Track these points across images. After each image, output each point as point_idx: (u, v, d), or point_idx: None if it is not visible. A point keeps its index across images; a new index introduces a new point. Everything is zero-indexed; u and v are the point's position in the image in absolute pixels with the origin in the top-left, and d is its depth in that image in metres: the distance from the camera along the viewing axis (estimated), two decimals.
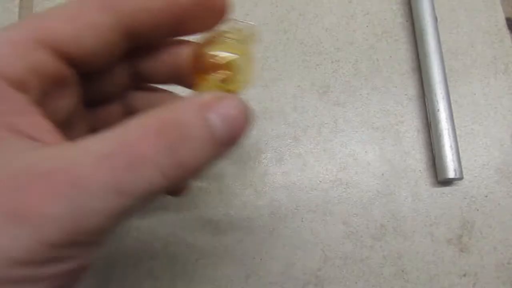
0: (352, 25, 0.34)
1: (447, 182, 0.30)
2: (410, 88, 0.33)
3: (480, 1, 0.34)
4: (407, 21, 0.34)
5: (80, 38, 0.15)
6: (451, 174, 0.29)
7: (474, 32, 0.34)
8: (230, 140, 0.14)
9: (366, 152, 0.31)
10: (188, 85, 0.20)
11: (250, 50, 0.18)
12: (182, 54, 0.19)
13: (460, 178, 0.29)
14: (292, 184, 0.30)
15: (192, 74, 0.18)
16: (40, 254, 0.12)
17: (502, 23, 0.34)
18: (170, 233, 0.29)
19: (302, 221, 0.30)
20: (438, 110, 0.30)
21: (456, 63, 0.33)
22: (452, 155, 0.29)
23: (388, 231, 0.30)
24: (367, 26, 0.34)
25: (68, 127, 0.18)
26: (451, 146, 0.29)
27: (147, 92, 0.22)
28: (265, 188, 0.30)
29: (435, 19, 0.32)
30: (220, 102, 0.14)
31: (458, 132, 0.30)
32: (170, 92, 0.22)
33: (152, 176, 0.13)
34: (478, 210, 0.30)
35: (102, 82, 0.19)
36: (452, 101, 0.30)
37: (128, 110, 0.21)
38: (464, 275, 0.29)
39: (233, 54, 0.17)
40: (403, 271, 0.29)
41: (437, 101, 0.30)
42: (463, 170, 0.29)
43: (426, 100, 0.31)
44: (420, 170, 0.31)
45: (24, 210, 0.11)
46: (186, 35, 0.19)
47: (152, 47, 0.19)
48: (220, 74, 0.17)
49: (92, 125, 0.20)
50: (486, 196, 0.30)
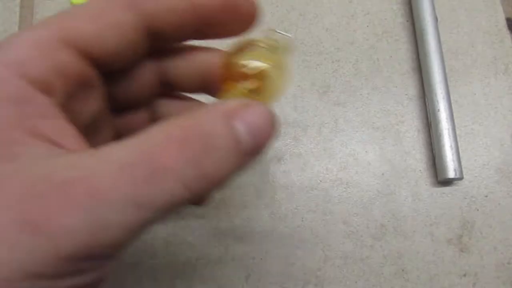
0: (353, 25, 0.34)
1: (447, 182, 0.30)
2: (411, 88, 0.33)
3: (481, 1, 0.34)
4: (407, 21, 0.34)
5: (103, 37, 0.15)
6: (451, 174, 0.29)
7: (474, 32, 0.34)
8: (255, 150, 0.14)
9: (366, 152, 0.31)
10: (217, 94, 0.19)
11: (284, 61, 0.17)
12: (211, 61, 0.18)
13: (460, 178, 0.29)
14: (292, 184, 0.30)
15: (221, 82, 0.17)
16: (55, 267, 0.11)
17: (502, 23, 0.34)
18: (170, 233, 0.29)
19: (302, 221, 0.30)
20: (439, 110, 0.30)
21: (456, 63, 0.33)
22: (452, 155, 0.29)
23: (388, 231, 0.30)
24: (368, 26, 0.34)
25: (93, 131, 0.18)
26: (451, 146, 0.29)
27: (175, 100, 0.21)
28: (265, 188, 0.30)
29: (436, 19, 0.32)
30: (246, 110, 0.14)
31: (458, 132, 0.30)
32: (199, 101, 0.22)
33: (173, 188, 0.12)
34: (478, 210, 0.30)
35: (128, 87, 0.18)
36: (452, 101, 0.30)
37: (155, 118, 0.21)
38: (464, 275, 0.29)
39: (265, 64, 0.16)
40: (403, 270, 0.29)
41: (437, 101, 0.30)
42: (463, 170, 0.29)
43: (426, 100, 0.31)
44: (420, 170, 0.31)
45: (40, 221, 0.11)
46: (213, 39, 0.18)
47: (179, 52, 0.19)
48: (250, 84, 0.16)
49: (119, 131, 0.20)
50: (486, 196, 0.30)
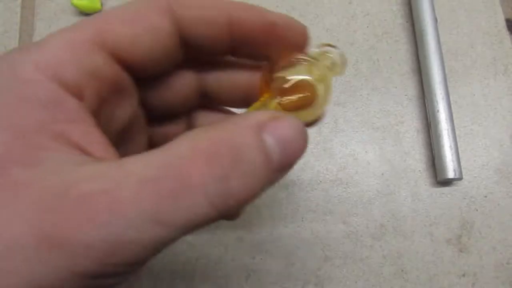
0: (353, 25, 0.34)
1: (446, 182, 0.30)
2: (410, 89, 0.33)
3: (480, 2, 0.34)
4: (407, 22, 0.34)
5: (138, 41, 0.14)
6: (450, 174, 0.29)
7: (474, 33, 0.34)
8: (284, 166, 0.13)
9: (366, 152, 0.31)
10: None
11: (329, 79, 0.16)
12: (255, 77, 0.18)
13: (460, 179, 0.29)
14: (292, 184, 0.31)
15: (260, 96, 0.16)
16: (70, 283, 0.11)
17: (502, 24, 0.34)
18: None
19: (302, 221, 0.30)
20: (438, 111, 0.30)
21: (456, 64, 0.33)
22: (452, 155, 0.29)
23: (388, 231, 0.30)
24: (368, 27, 0.34)
25: (127, 139, 0.17)
26: (450, 147, 0.29)
27: (214, 113, 0.20)
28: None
29: (435, 20, 0.32)
30: (276, 122, 0.13)
31: (457, 133, 0.31)
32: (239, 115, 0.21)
33: (198, 206, 0.11)
34: (477, 210, 0.30)
35: (164, 95, 0.18)
36: (451, 101, 0.31)
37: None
38: (463, 275, 0.29)
39: (305, 78, 0.15)
40: (402, 270, 0.29)
41: (437, 101, 0.30)
42: (462, 170, 0.29)
43: (426, 100, 0.31)
44: (419, 170, 0.31)
45: (57, 236, 0.11)
46: (249, 59, 0.17)
47: (222, 65, 0.18)
48: (290, 100, 0.15)
49: (155, 141, 0.19)
50: (486, 197, 0.30)
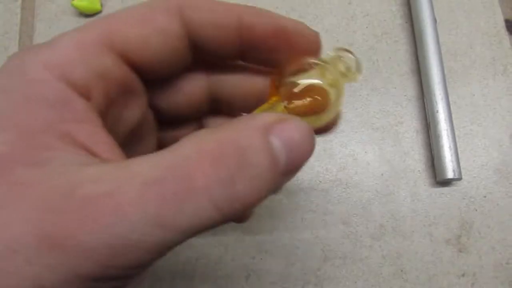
0: (352, 26, 0.34)
1: (446, 183, 0.30)
2: (410, 89, 0.33)
3: (479, 2, 0.34)
4: (406, 22, 0.34)
5: (147, 43, 0.14)
6: (450, 175, 0.29)
7: (473, 33, 0.34)
8: (291, 169, 0.13)
9: (365, 152, 0.31)
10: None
11: (342, 85, 0.15)
12: (266, 81, 0.17)
13: (459, 179, 0.29)
14: (292, 184, 0.31)
15: (269, 100, 0.16)
16: (72, 285, 0.11)
17: (501, 24, 0.34)
18: None
19: (302, 221, 0.30)
20: (437, 111, 0.30)
21: (455, 64, 0.33)
22: (451, 155, 0.29)
23: (387, 231, 0.30)
24: (367, 27, 0.34)
25: (136, 141, 0.17)
26: (450, 147, 0.29)
27: (225, 119, 0.20)
28: None
29: (434, 21, 0.32)
30: (283, 124, 0.13)
31: (457, 133, 0.31)
32: None
33: (203, 209, 0.11)
34: (476, 211, 0.30)
35: (174, 98, 0.18)
36: (451, 102, 0.31)
37: None
38: (463, 275, 0.29)
39: (320, 86, 0.15)
40: (402, 270, 0.29)
41: (436, 102, 0.30)
42: (462, 170, 0.29)
43: (425, 101, 0.31)
44: (419, 171, 0.31)
45: (59, 236, 0.11)
46: (258, 64, 0.17)
47: (233, 69, 0.18)
48: (298, 105, 0.15)
49: (165, 145, 0.19)
50: (485, 197, 0.30)
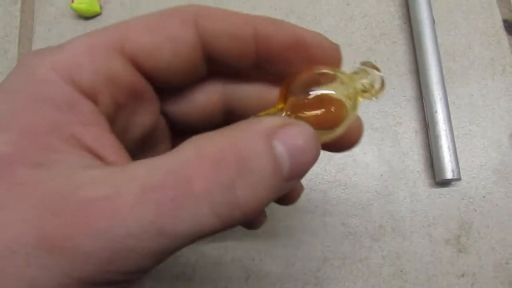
0: (351, 27, 0.35)
1: (445, 183, 0.30)
2: (408, 90, 0.33)
3: (477, 3, 0.34)
4: (405, 23, 0.34)
5: (158, 50, 0.14)
6: (449, 175, 0.29)
7: (471, 34, 0.34)
8: (294, 175, 0.12)
9: (364, 153, 0.31)
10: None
11: (357, 100, 0.15)
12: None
13: (458, 179, 0.29)
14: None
15: (279, 108, 0.15)
16: None
17: (499, 25, 0.34)
18: None
19: (302, 221, 0.30)
20: (436, 112, 0.30)
21: (453, 65, 0.33)
22: (450, 156, 0.29)
23: (386, 232, 0.30)
24: (365, 28, 0.34)
25: (148, 147, 0.17)
26: (448, 147, 0.29)
27: None
28: None
29: (433, 21, 0.32)
30: (287, 129, 0.12)
31: (455, 133, 0.31)
32: None
33: (202, 216, 0.11)
34: (476, 211, 0.30)
35: (187, 107, 0.17)
36: (449, 102, 0.31)
37: None
38: (462, 275, 0.29)
39: (336, 98, 0.14)
40: (401, 271, 0.29)
41: (434, 102, 0.30)
42: (461, 171, 0.29)
43: (424, 101, 0.31)
44: (418, 171, 0.31)
45: (58, 238, 0.11)
46: (272, 76, 0.17)
47: (246, 80, 0.17)
48: (308, 116, 0.14)
49: None
50: (484, 197, 0.30)
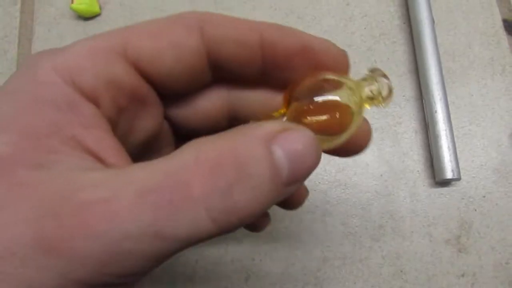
0: (350, 27, 0.35)
1: (445, 183, 0.30)
2: (408, 90, 0.33)
3: (477, 2, 0.34)
4: (404, 23, 0.34)
5: (160, 55, 0.14)
6: (449, 175, 0.29)
7: (471, 33, 0.34)
8: (293, 180, 0.12)
9: (364, 153, 0.31)
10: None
11: (362, 108, 0.14)
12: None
13: (458, 179, 0.29)
14: None
15: (282, 113, 0.15)
16: None
17: (499, 24, 0.34)
18: None
19: (302, 222, 0.30)
20: (436, 111, 0.30)
21: (453, 65, 0.33)
22: (450, 155, 0.29)
23: (386, 232, 0.30)
24: (365, 28, 0.34)
25: (152, 150, 0.17)
26: (448, 147, 0.29)
27: None
28: None
29: (432, 21, 0.32)
30: (287, 134, 0.12)
31: (455, 133, 0.31)
32: None
33: (198, 220, 0.11)
34: (476, 211, 0.30)
35: (193, 115, 0.17)
36: (449, 102, 0.31)
37: None
38: (463, 275, 0.29)
39: (342, 104, 0.14)
40: (401, 271, 0.29)
41: (434, 102, 0.30)
42: (460, 170, 0.29)
43: (423, 101, 0.31)
44: (418, 171, 0.31)
45: (56, 240, 0.11)
46: (277, 83, 0.16)
47: (252, 87, 0.17)
48: (311, 122, 0.14)
49: None
50: (484, 197, 0.30)
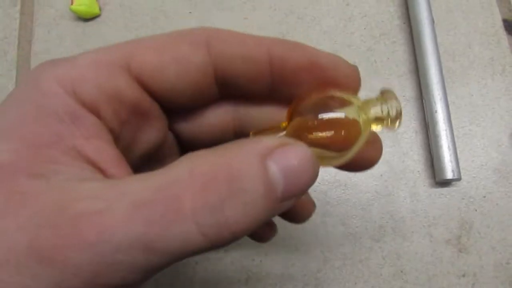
0: (350, 27, 0.34)
1: (445, 183, 0.30)
2: (408, 90, 0.33)
3: (477, 2, 0.34)
4: (404, 23, 0.34)
5: (163, 70, 0.14)
6: (449, 175, 0.29)
7: (471, 33, 0.34)
8: (288, 196, 0.12)
9: None
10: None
11: (368, 128, 0.14)
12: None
13: (458, 179, 0.29)
14: None
15: (283, 126, 0.15)
16: None
17: (499, 24, 0.34)
18: None
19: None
20: (436, 111, 0.30)
21: (453, 65, 0.33)
22: (450, 156, 0.29)
23: (387, 232, 0.30)
24: (365, 29, 0.34)
25: (156, 162, 0.17)
26: (449, 147, 0.29)
27: None
28: None
29: (432, 21, 0.32)
30: (284, 149, 0.12)
31: (455, 133, 0.31)
32: None
33: (190, 234, 0.11)
34: (476, 211, 0.30)
35: (198, 130, 0.17)
36: (449, 102, 0.31)
37: None
38: (463, 275, 0.29)
39: (344, 122, 0.14)
40: (402, 271, 0.29)
41: (434, 102, 0.30)
42: (461, 170, 0.29)
43: (423, 101, 0.31)
44: (418, 171, 0.31)
45: (49, 250, 0.11)
46: (282, 99, 0.16)
47: (258, 102, 0.17)
48: (313, 138, 0.14)
49: None
50: (484, 197, 0.30)
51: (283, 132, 0.14)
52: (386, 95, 0.14)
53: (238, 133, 0.18)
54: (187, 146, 0.18)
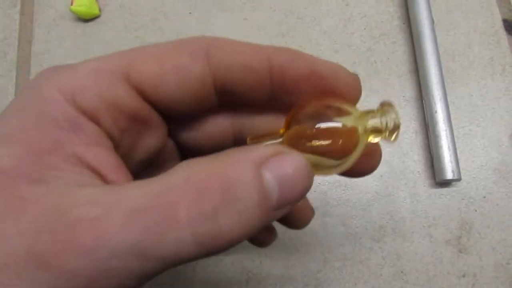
0: (350, 28, 0.34)
1: (445, 183, 0.30)
2: (408, 90, 0.33)
3: (477, 2, 0.34)
4: (404, 23, 0.34)
5: (163, 80, 0.14)
6: (449, 175, 0.29)
7: (471, 33, 0.34)
8: (283, 205, 0.12)
9: None
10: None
11: (365, 139, 0.14)
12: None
13: (458, 179, 0.29)
14: None
15: (280, 134, 0.15)
16: None
17: (499, 24, 0.34)
18: None
19: None
20: (436, 112, 0.30)
21: (453, 65, 0.33)
22: (450, 156, 0.29)
23: (387, 232, 0.30)
24: (365, 29, 0.34)
25: (155, 167, 0.17)
26: (449, 147, 0.29)
27: None
28: None
29: (432, 21, 0.32)
30: (279, 158, 0.12)
31: (455, 133, 0.31)
32: None
33: (184, 242, 0.11)
34: (476, 211, 0.30)
35: (198, 138, 0.18)
36: (449, 102, 0.31)
37: None
38: (463, 276, 0.29)
39: (340, 132, 0.14)
40: (402, 272, 0.29)
41: (434, 102, 0.30)
42: (461, 171, 0.29)
43: (423, 101, 0.31)
44: (418, 172, 0.31)
45: (46, 256, 0.11)
46: (282, 108, 0.16)
47: (258, 110, 0.17)
48: (308, 147, 0.14)
49: None
50: (484, 197, 0.30)
51: (280, 139, 0.14)
52: (385, 108, 0.14)
53: (238, 139, 0.18)
54: (187, 151, 0.18)
